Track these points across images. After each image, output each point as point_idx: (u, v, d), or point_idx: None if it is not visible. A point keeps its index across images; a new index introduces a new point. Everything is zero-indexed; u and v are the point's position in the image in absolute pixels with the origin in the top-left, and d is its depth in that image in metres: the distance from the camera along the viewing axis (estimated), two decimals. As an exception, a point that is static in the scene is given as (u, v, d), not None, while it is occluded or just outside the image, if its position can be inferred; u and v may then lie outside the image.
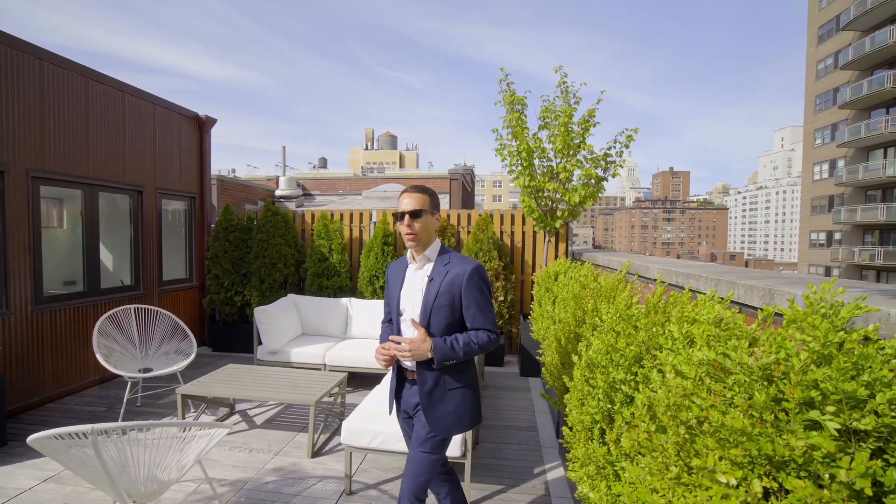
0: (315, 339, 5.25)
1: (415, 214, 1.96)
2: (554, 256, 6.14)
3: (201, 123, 6.67)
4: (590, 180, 4.91)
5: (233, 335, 6.43)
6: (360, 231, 6.61)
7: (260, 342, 5.03)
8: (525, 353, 5.44)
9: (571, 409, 2.01)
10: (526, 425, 4.18)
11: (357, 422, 3.00)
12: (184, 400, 3.79)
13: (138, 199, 5.61)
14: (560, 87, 4.98)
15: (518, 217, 6.25)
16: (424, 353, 1.89)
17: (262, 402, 4.49)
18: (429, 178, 14.26)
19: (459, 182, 10.63)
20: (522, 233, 6.30)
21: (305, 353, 4.89)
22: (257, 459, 3.46)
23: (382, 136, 70.70)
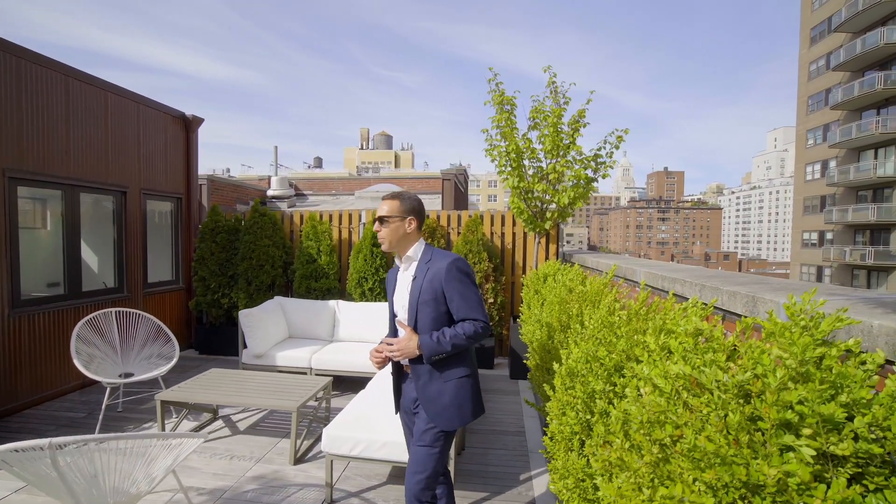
0: (302, 343, 5.17)
1: (381, 220, 2.09)
2: (544, 258, 6.09)
3: (188, 123, 6.57)
4: (580, 181, 4.87)
5: (220, 338, 6.33)
6: (349, 232, 6.54)
7: (245, 346, 4.95)
8: (515, 355, 5.39)
9: (552, 419, 1.96)
10: (514, 429, 4.12)
11: (338, 429, 2.94)
12: (165, 405, 3.71)
13: (122, 199, 5.51)
14: (549, 88, 4.94)
15: (508, 218, 6.20)
16: (413, 351, 1.97)
17: (245, 408, 4.41)
18: (422, 179, 14.18)
19: (452, 182, 10.57)
20: (513, 234, 6.25)
21: (291, 357, 4.81)
22: (238, 467, 3.39)
23: (377, 136, 70.50)
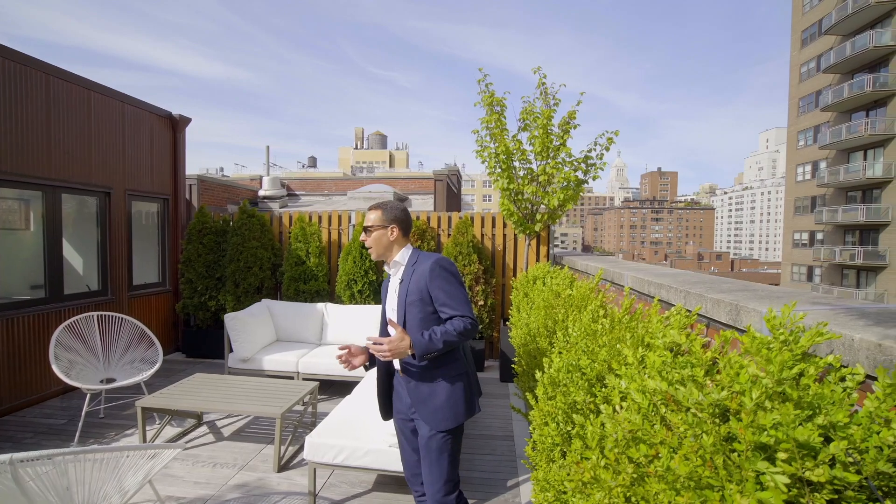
0: (289, 346, 5.10)
1: (366, 230, 2.17)
2: (535, 259, 6.06)
3: (175, 123, 6.47)
4: (569, 183, 4.84)
5: (207, 341, 6.25)
6: (338, 234, 6.48)
7: (231, 350, 4.88)
8: (505, 358, 5.36)
9: (534, 428, 1.92)
10: (502, 434, 4.09)
11: (321, 436, 2.89)
12: (147, 412, 3.64)
13: (106, 200, 5.41)
14: (539, 89, 4.90)
15: (499, 220, 6.16)
16: (404, 351, 1.95)
17: (229, 414, 4.34)
18: (414, 179, 14.13)
19: (444, 183, 10.52)
20: (503, 235, 6.21)
21: (278, 361, 4.75)
22: (220, 475, 3.33)
23: (372, 136, 70.31)
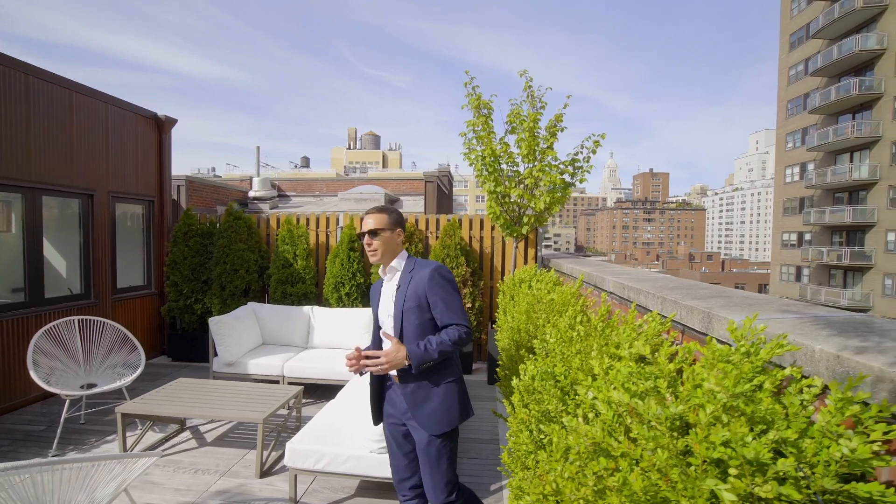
0: (275, 350, 5.07)
1: (373, 233, 2.14)
2: (523, 262, 6.07)
3: (160, 124, 6.40)
4: (556, 186, 4.85)
5: (193, 344, 6.19)
6: (326, 236, 6.44)
7: (216, 354, 4.83)
8: (492, 360, 5.36)
9: (510, 435, 1.92)
10: (488, 437, 4.09)
11: (302, 442, 2.87)
12: (128, 418, 3.60)
13: (88, 202, 5.34)
14: (526, 92, 4.91)
15: (487, 222, 6.17)
16: (401, 362, 1.98)
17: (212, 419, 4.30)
18: (406, 180, 14.11)
19: (435, 184, 10.51)
20: (492, 238, 6.22)
21: (263, 365, 4.71)
22: (202, 481, 3.29)
23: (365, 136, 70.13)
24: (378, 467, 2.74)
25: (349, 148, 70.25)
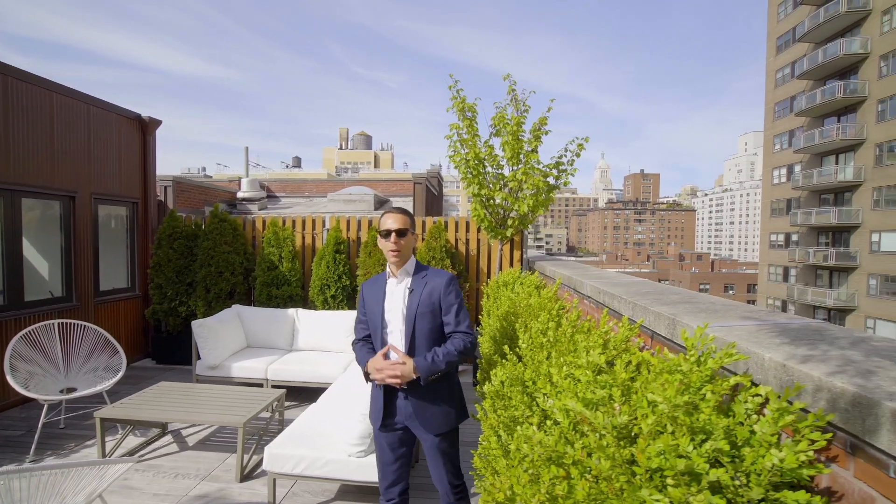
0: (259, 352, 5.05)
1: (401, 233, 2.16)
2: (509, 264, 6.10)
3: (144, 125, 6.35)
4: (539, 189, 4.88)
5: (178, 347, 6.14)
6: (312, 238, 6.43)
7: (199, 357, 4.80)
8: (476, 363, 5.38)
9: (482, 440, 1.94)
10: (471, 440, 4.10)
11: (281, 446, 2.87)
12: (108, 422, 3.56)
13: (70, 204, 5.28)
14: (510, 95, 4.94)
15: (473, 225, 6.19)
16: (410, 375, 2.06)
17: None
18: (395, 181, 14.09)
19: (423, 186, 10.52)
20: (477, 240, 6.24)
21: (247, 368, 4.69)
22: (181, 486, 3.27)
23: (357, 136, 69.90)
24: (356, 471, 2.75)
25: (341, 148, 69.98)
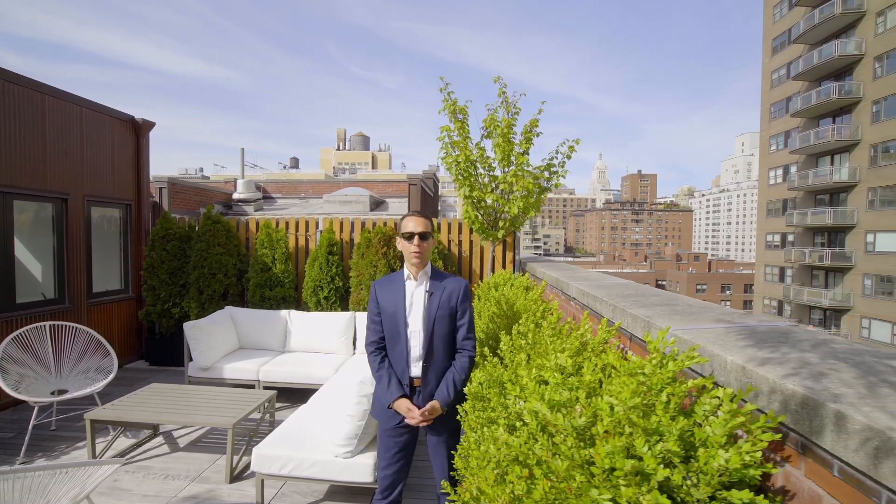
0: (252, 354, 5.06)
1: (424, 236, 2.22)
2: (501, 266, 6.13)
3: (137, 127, 6.36)
4: (529, 192, 4.91)
5: (171, 348, 6.15)
6: (305, 239, 6.44)
7: (191, 358, 4.82)
8: (470, 363, 5.40)
9: (464, 440, 1.96)
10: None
11: (268, 447, 2.89)
12: (99, 424, 3.58)
13: (62, 206, 5.29)
14: (500, 98, 4.97)
15: (465, 226, 6.21)
16: (438, 413, 2.19)
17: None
18: (392, 182, 14.12)
19: (418, 187, 10.53)
20: (470, 241, 6.27)
21: (239, 369, 4.71)
22: (171, 487, 3.29)
23: (354, 137, 69.90)
24: (343, 472, 2.77)
25: (338, 149, 69.96)
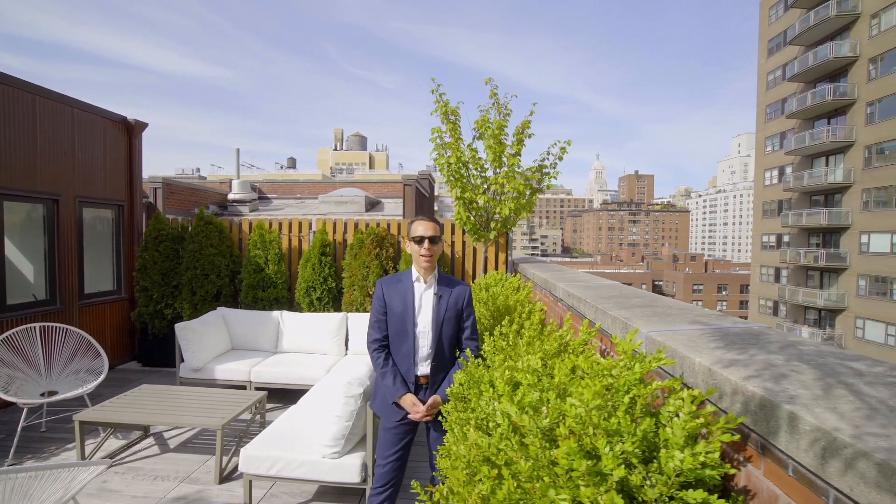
0: (243, 355, 5.06)
1: (433, 240, 2.30)
2: (494, 266, 6.15)
3: (130, 128, 6.35)
4: (520, 194, 4.93)
5: (164, 350, 6.14)
6: (298, 240, 6.45)
7: (183, 359, 4.82)
8: (462, 364, 5.41)
9: (446, 439, 1.98)
10: (451, 441, 4.14)
11: (256, 448, 2.89)
12: (88, 425, 3.57)
13: (53, 207, 5.28)
14: (492, 100, 4.99)
15: (458, 227, 6.23)
16: (440, 406, 2.22)
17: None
18: (387, 183, 14.14)
19: (413, 188, 10.53)
20: (463, 242, 6.29)
21: (230, 371, 4.71)
22: (160, 488, 3.29)
23: (351, 137, 69.85)
24: (330, 472, 2.78)
25: (336, 149, 69.92)
